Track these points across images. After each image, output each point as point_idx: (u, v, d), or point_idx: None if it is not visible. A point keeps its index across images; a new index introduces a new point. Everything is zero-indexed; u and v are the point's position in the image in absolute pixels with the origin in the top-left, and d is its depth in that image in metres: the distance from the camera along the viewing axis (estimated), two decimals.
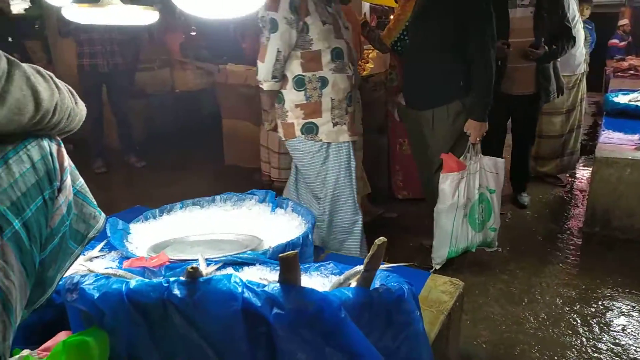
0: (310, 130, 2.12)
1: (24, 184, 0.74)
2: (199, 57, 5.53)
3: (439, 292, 1.54)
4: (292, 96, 2.11)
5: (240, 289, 0.80)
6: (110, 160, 4.27)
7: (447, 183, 2.26)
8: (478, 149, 2.31)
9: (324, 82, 2.08)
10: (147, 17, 1.44)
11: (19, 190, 0.73)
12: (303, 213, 1.66)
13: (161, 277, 1.03)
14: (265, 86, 2.13)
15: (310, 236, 1.50)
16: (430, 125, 2.35)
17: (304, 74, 2.07)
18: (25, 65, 0.72)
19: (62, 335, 0.97)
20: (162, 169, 4.28)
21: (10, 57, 0.69)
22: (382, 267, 1.08)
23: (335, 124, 2.12)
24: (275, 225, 1.63)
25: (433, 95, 2.31)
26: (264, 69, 2.06)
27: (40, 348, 0.94)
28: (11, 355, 0.85)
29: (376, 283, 1.04)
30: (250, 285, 0.81)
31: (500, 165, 2.37)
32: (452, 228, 2.29)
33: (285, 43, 2.00)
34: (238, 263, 1.28)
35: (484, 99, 2.20)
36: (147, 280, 0.86)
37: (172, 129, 5.05)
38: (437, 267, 2.36)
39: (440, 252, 2.36)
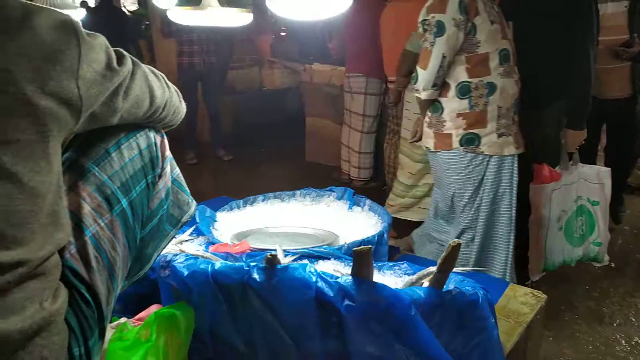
0: (471, 141, 1.92)
1: (132, 168, 0.84)
2: (287, 56, 5.71)
3: (519, 303, 1.48)
4: (454, 105, 1.93)
5: (314, 278, 0.84)
6: (201, 153, 4.56)
7: (538, 194, 2.13)
8: (576, 158, 2.15)
9: (491, 88, 1.88)
10: (241, 19, 1.53)
11: (128, 173, 0.83)
12: (380, 212, 1.67)
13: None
14: (423, 95, 1.95)
15: (385, 235, 1.51)
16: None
17: (470, 80, 1.89)
18: (144, 66, 0.82)
19: (154, 308, 1.07)
20: (247, 163, 4.49)
21: (134, 58, 0.79)
22: (457, 269, 1.07)
23: (500, 135, 1.91)
24: (351, 223, 1.66)
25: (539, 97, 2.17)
26: (426, 77, 1.90)
27: (135, 317, 1.04)
28: (111, 322, 0.96)
29: (450, 286, 1.03)
30: (324, 276, 0.84)
31: (605, 174, 2.17)
32: (545, 241, 2.15)
33: (452, 47, 1.85)
34: (314, 256, 1.32)
35: (585, 106, 2.04)
36: (230, 263, 0.92)
37: (258, 125, 5.26)
38: (534, 279, 2.21)
39: (536, 265, 2.22)
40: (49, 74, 0.64)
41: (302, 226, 1.63)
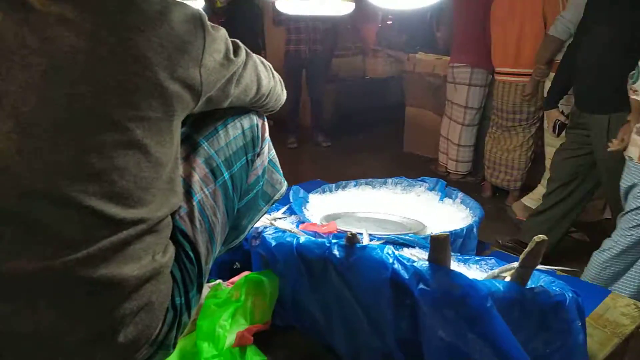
0: None
1: (235, 145, 0.93)
2: (392, 45, 5.66)
3: (619, 313, 1.37)
4: None
5: (391, 260, 0.87)
6: (301, 138, 4.73)
7: None
8: None
9: None
10: (343, 8, 1.58)
11: (231, 150, 0.92)
12: (472, 206, 1.64)
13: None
14: None
15: (475, 229, 1.48)
16: (603, 132, 2.04)
17: None
18: (255, 56, 0.91)
19: (243, 275, 1.18)
20: (344, 150, 4.57)
21: (247, 49, 0.89)
22: (541, 267, 1.03)
23: None
24: (441, 214, 1.64)
25: (611, 99, 1.99)
26: None
27: (228, 281, 1.16)
28: (208, 281, 1.07)
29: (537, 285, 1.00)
30: (400, 259, 0.87)
31: None
32: None
33: None
34: (399, 243, 1.35)
35: None
36: (313, 238, 0.99)
37: (358, 114, 5.31)
38: None
39: None
40: (178, 62, 0.74)
41: (390, 213, 1.66)
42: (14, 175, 0.67)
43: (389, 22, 6.19)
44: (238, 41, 0.88)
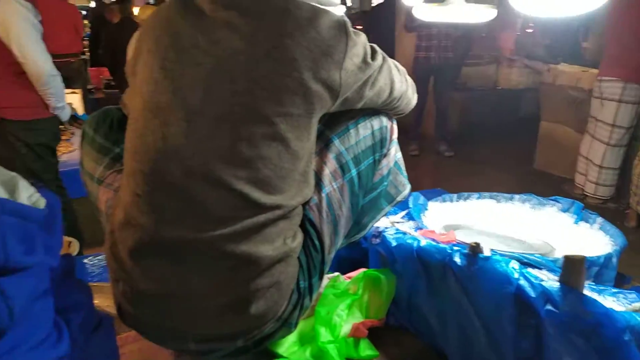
0: None
1: (364, 144, 0.97)
2: (531, 55, 5.31)
3: None
4: None
5: (516, 275, 0.84)
6: (423, 146, 4.66)
7: None
8: None
9: None
10: (485, 15, 1.54)
11: (360, 148, 0.97)
12: (613, 234, 1.49)
13: None
14: None
15: (614, 259, 1.34)
16: None
17: None
18: (390, 61, 0.94)
19: (360, 271, 1.22)
20: (467, 161, 4.40)
21: (384, 53, 0.93)
22: None
23: None
24: (573, 238, 1.52)
25: None
26: None
27: (346, 275, 1.21)
28: (328, 273, 1.13)
29: None
30: (527, 275, 0.84)
31: None
32: None
33: None
34: (523, 262, 1.28)
35: None
36: (435, 243, 0.99)
37: (485, 124, 5.08)
38: None
39: None
40: (322, 65, 0.80)
41: (514, 231, 1.58)
42: (181, 156, 0.79)
43: (528, 30, 5.81)
44: (375, 46, 0.92)
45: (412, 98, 1.08)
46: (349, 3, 7.82)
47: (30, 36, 1.86)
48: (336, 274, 1.16)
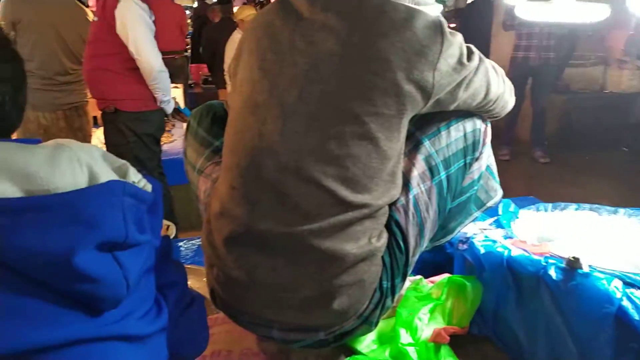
0: None
1: (455, 147, 0.95)
2: None
3: None
4: None
5: (618, 295, 0.78)
6: (515, 150, 4.42)
7: None
8: None
9: None
10: (596, 13, 1.42)
11: (451, 151, 0.95)
12: None
13: None
14: None
15: None
16: None
17: None
18: (487, 62, 0.92)
19: (444, 276, 1.19)
20: (566, 169, 4.10)
21: (481, 54, 0.90)
22: None
23: None
24: None
25: None
26: None
27: (428, 279, 1.19)
28: (410, 275, 1.12)
29: None
30: (631, 296, 0.77)
31: None
32: None
33: None
34: (626, 282, 1.18)
35: None
36: (528, 254, 0.94)
37: (588, 130, 4.69)
38: None
39: None
40: (416, 65, 0.80)
41: (617, 247, 1.45)
42: (275, 152, 0.83)
43: None
44: (472, 47, 0.89)
45: (509, 101, 1.04)
46: None
47: (146, 36, 2.04)
48: (419, 277, 1.15)
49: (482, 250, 1.02)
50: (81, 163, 0.54)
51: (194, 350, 0.74)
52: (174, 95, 2.37)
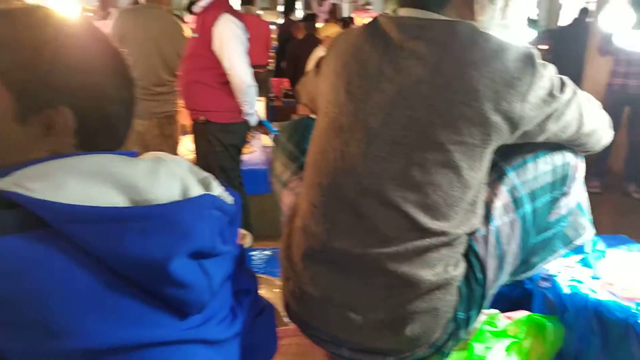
0: None
1: (543, 180, 0.92)
2: None
3: None
4: None
5: None
6: (607, 183, 4.11)
7: None
8: None
9: None
10: None
11: (538, 184, 0.92)
12: None
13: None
14: None
15: None
16: None
17: None
18: (581, 94, 0.88)
19: (522, 313, 1.14)
20: None
21: (575, 87, 0.87)
22: None
23: None
24: None
25: None
26: None
27: (505, 314, 1.14)
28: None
29: None
30: None
31: None
32: None
33: None
34: None
35: None
36: (617, 299, 0.88)
37: None
38: None
39: None
40: (504, 96, 0.79)
41: None
42: (357, 174, 0.85)
43: None
44: (565, 78, 0.86)
45: (605, 135, 0.99)
46: (534, 17, 7.31)
47: (240, 53, 2.17)
48: (495, 311, 1.11)
49: (567, 290, 0.96)
50: (175, 176, 0.59)
51: (262, 357, 0.77)
52: (256, 108, 2.48)
